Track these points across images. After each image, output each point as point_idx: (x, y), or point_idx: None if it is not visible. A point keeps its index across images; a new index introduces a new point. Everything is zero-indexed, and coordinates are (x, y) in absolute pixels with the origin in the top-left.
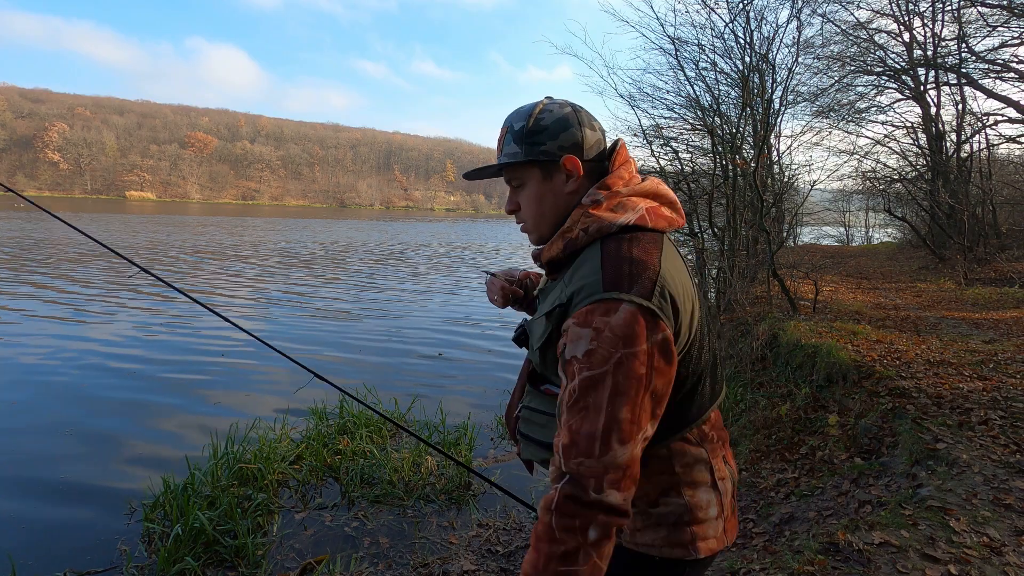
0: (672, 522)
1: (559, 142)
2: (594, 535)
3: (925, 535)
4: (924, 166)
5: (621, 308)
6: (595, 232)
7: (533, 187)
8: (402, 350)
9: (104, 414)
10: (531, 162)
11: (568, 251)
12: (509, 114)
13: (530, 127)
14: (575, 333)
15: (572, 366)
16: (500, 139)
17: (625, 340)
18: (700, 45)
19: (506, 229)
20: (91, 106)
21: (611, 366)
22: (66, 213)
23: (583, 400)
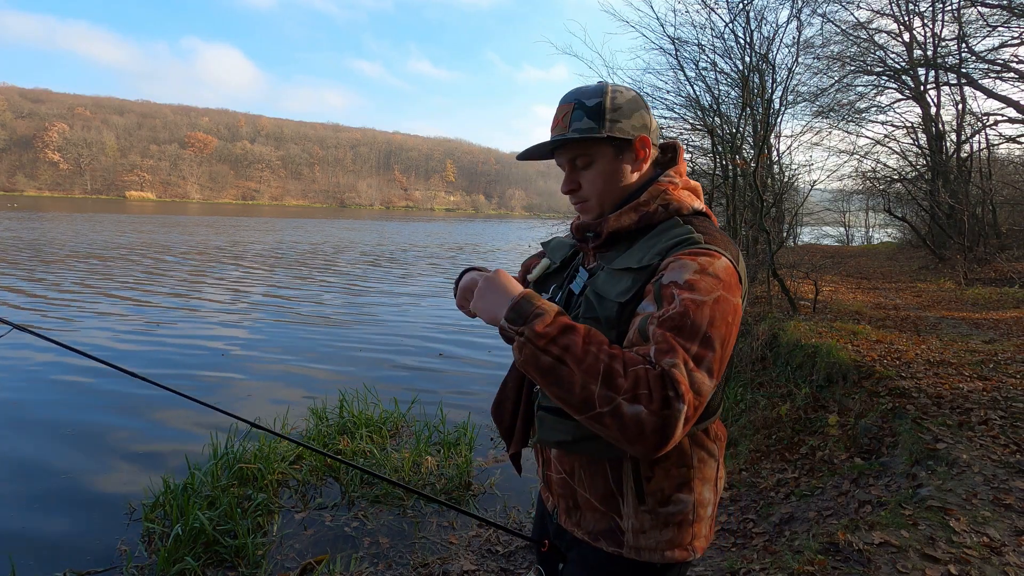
0: (679, 521)
1: (632, 122)
2: (629, 411)
3: (925, 535)
4: (924, 166)
5: (723, 259)
6: (673, 210)
7: (604, 164)
8: (402, 350)
9: (104, 414)
10: (606, 139)
11: (643, 223)
12: (569, 92)
13: (607, 104)
14: (678, 264)
15: (671, 289)
16: (564, 115)
17: (725, 285)
18: (700, 45)
19: (504, 229)
20: (91, 106)
21: (712, 299)
22: (66, 213)
23: (683, 318)
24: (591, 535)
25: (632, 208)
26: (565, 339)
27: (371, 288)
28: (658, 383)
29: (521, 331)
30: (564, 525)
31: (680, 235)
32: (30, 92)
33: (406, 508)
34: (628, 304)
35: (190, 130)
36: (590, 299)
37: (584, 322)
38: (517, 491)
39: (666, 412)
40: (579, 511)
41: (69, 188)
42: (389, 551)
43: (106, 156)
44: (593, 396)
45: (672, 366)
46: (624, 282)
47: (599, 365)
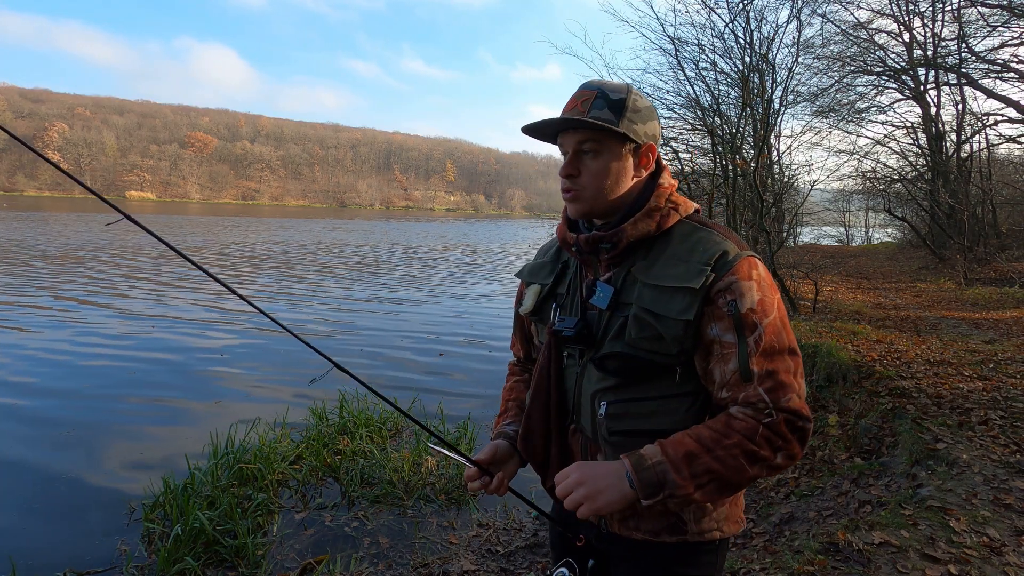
0: (733, 499)
1: (647, 128)
2: (780, 460)
3: (925, 535)
4: (924, 166)
5: (759, 262)
6: (683, 212)
7: (609, 159)
8: (402, 350)
9: (104, 413)
10: (621, 135)
11: (660, 229)
12: (592, 81)
13: (630, 103)
14: (743, 287)
15: (750, 317)
16: (584, 100)
17: (772, 287)
18: (700, 45)
19: (503, 228)
20: (91, 106)
21: (776, 309)
22: (55, 212)
23: (773, 343)
24: (652, 533)
25: (646, 214)
26: (700, 466)
27: (371, 288)
28: (784, 428)
29: (669, 495)
30: (618, 531)
31: (715, 244)
32: (30, 92)
33: (406, 508)
34: (693, 322)
35: (190, 130)
36: (643, 318)
37: (641, 340)
38: (517, 491)
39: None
40: (637, 516)
41: (69, 188)
42: (389, 551)
43: (106, 156)
44: (751, 477)
45: (788, 401)
46: (682, 299)
47: (739, 460)
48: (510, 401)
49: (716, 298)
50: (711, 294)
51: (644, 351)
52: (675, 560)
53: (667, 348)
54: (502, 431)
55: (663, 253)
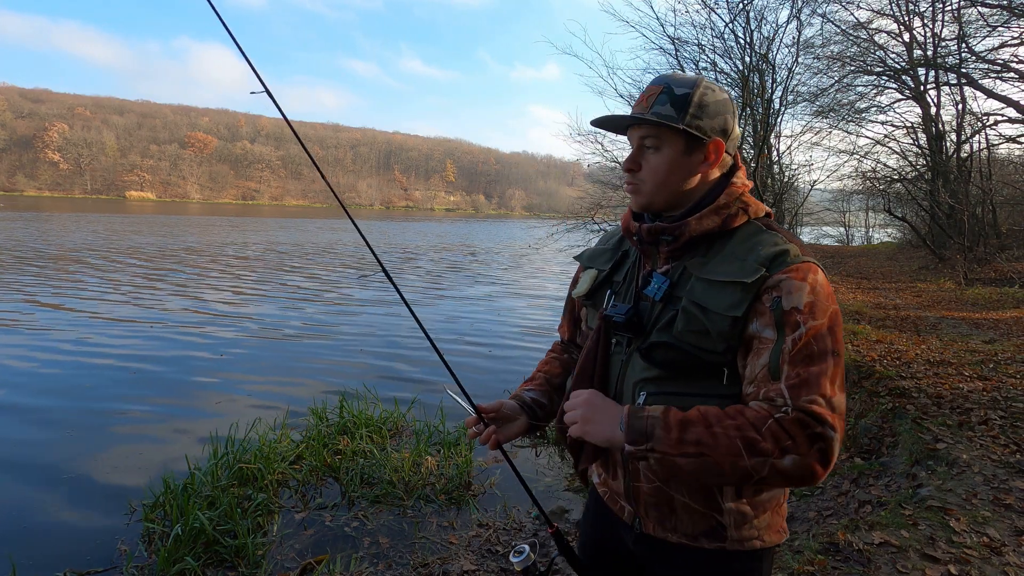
0: (774, 506)
1: (713, 123)
2: (787, 463)
3: (925, 535)
4: (924, 166)
5: (820, 271)
6: (752, 213)
7: (670, 154)
8: (402, 350)
9: (104, 413)
10: (682, 131)
11: (724, 226)
12: (663, 75)
13: (695, 98)
14: (793, 286)
15: (794, 316)
16: (649, 96)
17: (830, 297)
18: (700, 45)
19: (503, 229)
20: (91, 106)
21: (827, 318)
22: (52, 213)
23: (810, 347)
24: (690, 536)
25: (713, 211)
26: (692, 434)
27: (371, 288)
28: (797, 427)
29: (651, 447)
30: (655, 533)
31: (775, 245)
32: (30, 92)
33: (406, 508)
34: (741, 319)
35: (190, 130)
36: (691, 311)
37: (688, 334)
38: (517, 491)
39: (819, 446)
40: (675, 515)
41: (69, 188)
42: (389, 551)
43: (106, 156)
44: (747, 469)
45: (811, 402)
46: (732, 295)
47: (735, 442)
48: (540, 373)
49: (763, 295)
50: (760, 291)
51: (690, 345)
52: (713, 569)
53: (713, 344)
54: (519, 394)
55: (722, 251)
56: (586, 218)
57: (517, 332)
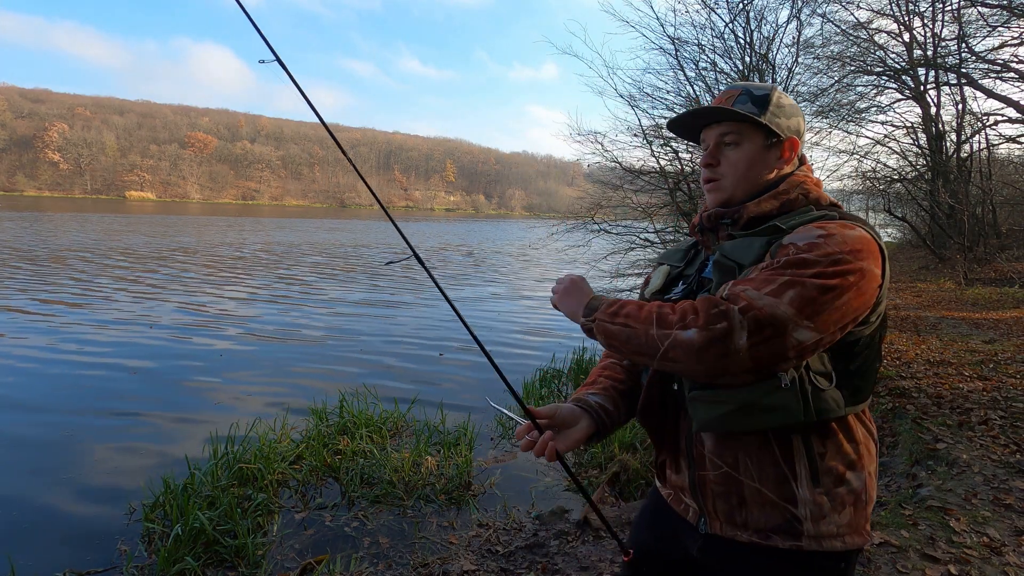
0: (853, 502)
1: (791, 123)
2: (686, 335)
3: (925, 535)
4: (924, 166)
5: (858, 229)
6: (812, 200)
7: (750, 150)
8: (402, 350)
9: (104, 413)
10: (762, 127)
11: (783, 211)
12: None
13: (773, 98)
14: (804, 230)
15: (787, 249)
16: (729, 96)
17: (854, 250)
18: (700, 45)
19: (503, 229)
20: (91, 106)
21: (827, 260)
22: (68, 213)
23: (780, 268)
24: (762, 533)
25: (772, 196)
26: (625, 309)
27: (371, 288)
28: (704, 304)
29: (594, 318)
30: (723, 532)
31: (818, 213)
32: (30, 92)
33: (406, 508)
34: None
35: (190, 130)
36: (723, 264)
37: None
38: (517, 491)
39: (720, 325)
40: (745, 507)
41: (69, 188)
42: (389, 551)
43: (106, 156)
44: (654, 339)
45: (740, 291)
46: (758, 247)
47: (651, 315)
48: (602, 377)
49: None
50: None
51: None
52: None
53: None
54: (581, 397)
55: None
56: (586, 218)
57: (519, 333)
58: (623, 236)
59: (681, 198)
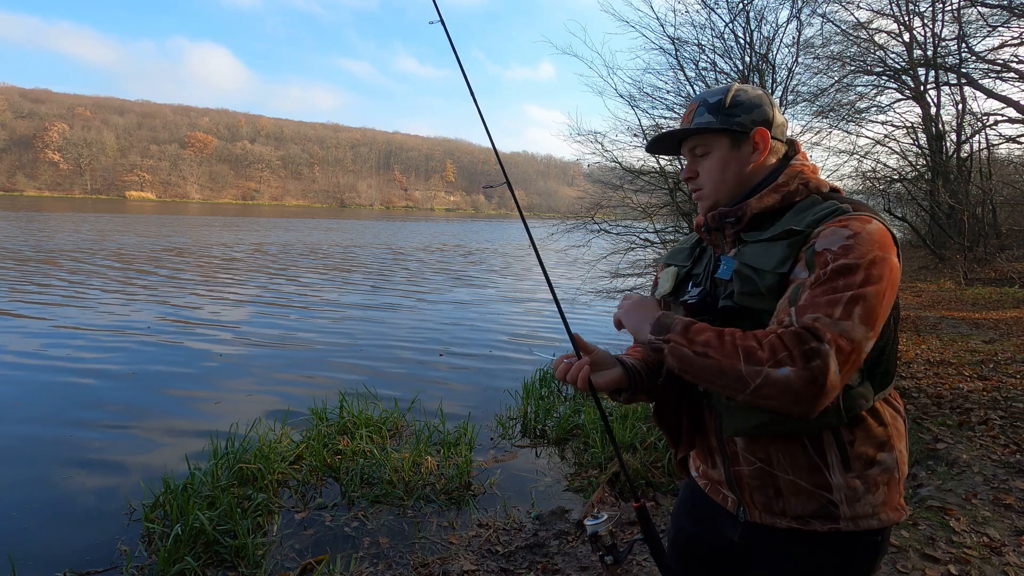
0: (887, 480)
1: (752, 116)
2: (780, 374)
3: (925, 535)
4: (924, 166)
5: (875, 222)
6: (813, 188)
7: (719, 155)
8: (402, 350)
9: (103, 414)
10: (723, 131)
11: (785, 203)
12: (700, 93)
13: (728, 101)
14: (831, 231)
15: (824, 256)
16: (689, 112)
17: (880, 245)
18: (700, 45)
19: (503, 229)
20: (91, 106)
21: (866, 262)
22: (67, 213)
23: (832, 281)
24: (800, 520)
25: (773, 189)
26: (703, 336)
27: (372, 289)
28: (794, 340)
29: (667, 339)
30: (762, 520)
31: (828, 207)
32: (30, 92)
33: (406, 508)
34: (788, 272)
35: (190, 130)
36: (745, 273)
37: (742, 297)
38: (517, 491)
39: (813, 364)
40: (782, 497)
41: (69, 188)
42: (389, 551)
43: (106, 156)
44: (742, 374)
45: (814, 320)
46: (779, 251)
47: (736, 348)
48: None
49: (804, 246)
50: (804, 243)
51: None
52: (828, 554)
53: (767, 304)
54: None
55: (779, 222)
56: (586, 218)
57: (516, 337)
58: (623, 236)
59: (681, 198)
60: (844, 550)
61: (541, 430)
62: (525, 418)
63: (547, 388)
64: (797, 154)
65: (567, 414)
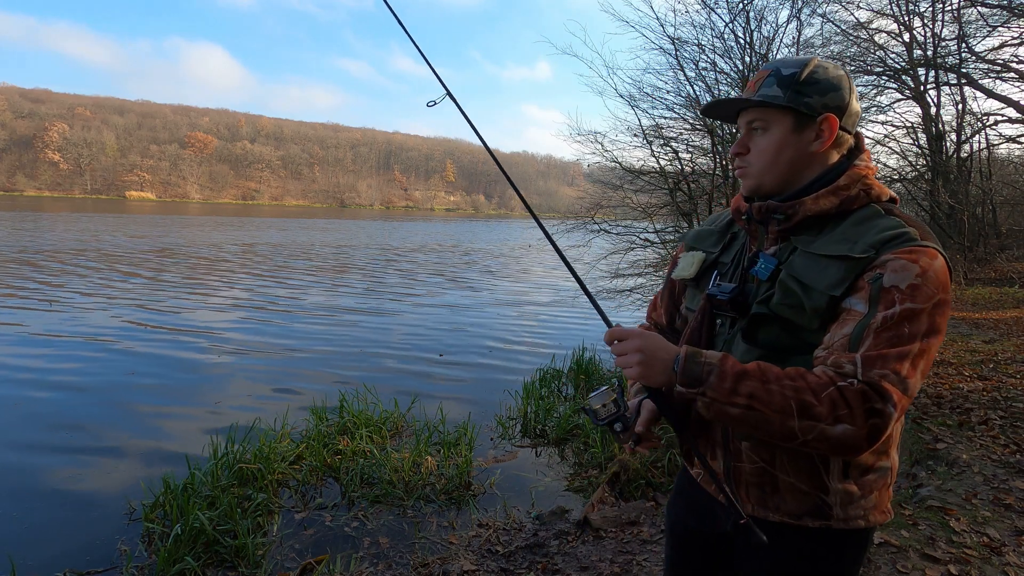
0: (880, 486)
1: (825, 99)
2: (837, 431)
3: (925, 535)
4: (924, 166)
5: (939, 259)
6: (874, 197)
7: (777, 135)
8: (402, 350)
9: (104, 413)
10: (788, 109)
11: (843, 208)
12: (775, 59)
13: (802, 77)
14: (899, 265)
15: (892, 294)
16: (757, 80)
17: (942, 287)
18: (700, 45)
19: (502, 229)
20: (91, 106)
21: (930, 305)
22: (66, 213)
23: (900, 327)
24: (793, 515)
25: (832, 191)
26: (746, 387)
27: (372, 289)
28: (858, 399)
29: (702, 392)
30: (754, 513)
31: (893, 228)
32: (30, 92)
33: (406, 508)
34: (839, 298)
35: (190, 130)
36: (790, 287)
37: (781, 308)
38: (517, 491)
39: (874, 421)
40: (778, 495)
41: (69, 188)
42: (389, 551)
43: (106, 156)
44: (794, 430)
45: (882, 377)
46: (835, 272)
47: (789, 402)
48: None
49: (866, 272)
50: (864, 270)
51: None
52: (818, 548)
53: (807, 321)
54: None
55: (834, 231)
56: (586, 218)
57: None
58: (623, 236)
59: (681, 198)
60: (834, 544)
61: (541, 430)
62: (525, 418)
63: (547, 388)
64: (862, 152)
65: (567, 414)
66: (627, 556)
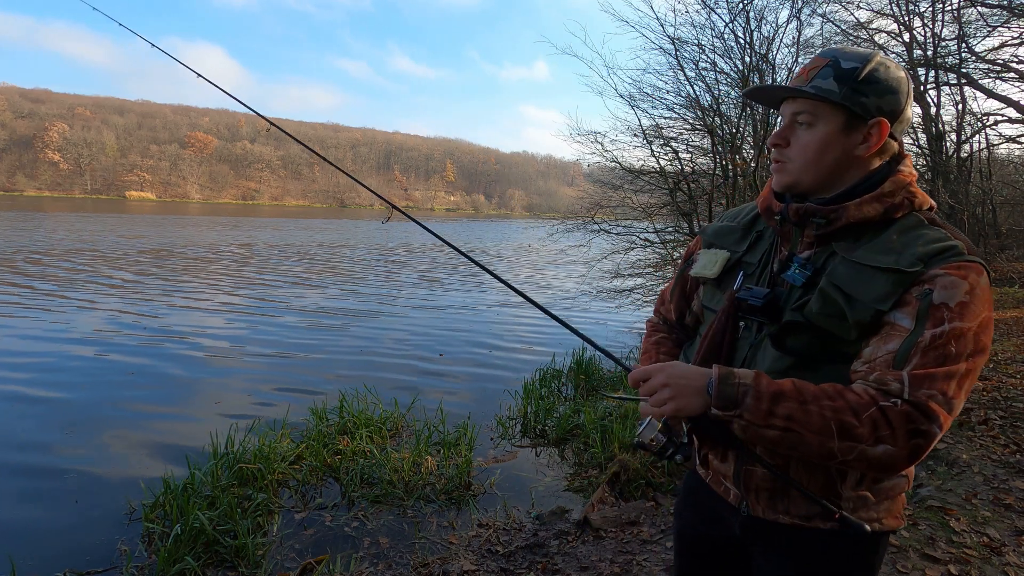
0: (895, 494)
1: (881, 102)
2: (878, 451)
3: (925, 535)
4: (924, 166)
5: (984, 275)
6: (917, 205)
7: (824, 132)
8: (403, 350)
9: (104, 413)
10: (840, 106)
11: (887, 215)
12: (833, 47)
13: (863, 74)
14: (949, 282)
15: (941, 312)
16: (812, 68)
17: (988, 304)
18: (700, 45)
19: (502, 229)
20: (91, 106)
21: (977, 324)
22: (66, 213)
23: (948, 346)
24: (803, 518)
25: (876, 198)
26: (783, 408)
27: (372, 289)
28: (902, 419)
29: (739, 414)
30: (764, 516)
31: (941, 240)
32: (30, 92)
33: (406, 508)
34: (884, 312)
35: (190, 130)
36: (832, 295)
37: (819, 318)
38: (517, 491)
39: (916, 442)
40: (789, 499)
41: (69, 188)
42: (389, 551)
43: (106, 156)
44: (833, 451)
45: (929, 397)
46: (882, 284)
47: (828, 423)
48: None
49: (914, 287)
50: (913, 283)
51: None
52: (831, 549)
53: (847, 332)
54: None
55: (876, 239)
56: (586, 218)
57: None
58: (623, 236)
59: (681, 198)
60: (847, 546)
61: (541, 430)
62: (525, 418)
63: (547, 388)
64: (904, 159)
65: (567, 414)
66: (627, 556)
